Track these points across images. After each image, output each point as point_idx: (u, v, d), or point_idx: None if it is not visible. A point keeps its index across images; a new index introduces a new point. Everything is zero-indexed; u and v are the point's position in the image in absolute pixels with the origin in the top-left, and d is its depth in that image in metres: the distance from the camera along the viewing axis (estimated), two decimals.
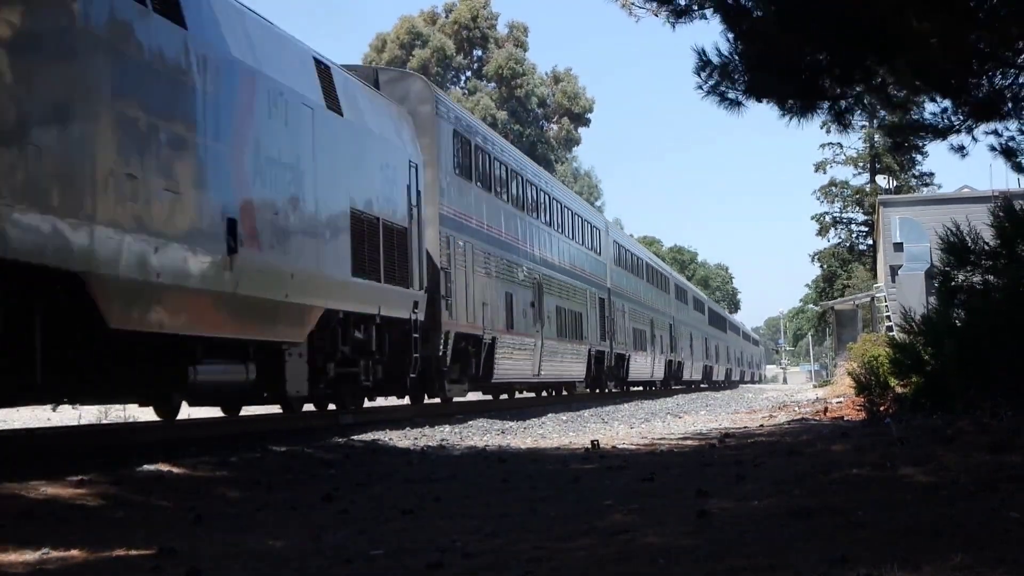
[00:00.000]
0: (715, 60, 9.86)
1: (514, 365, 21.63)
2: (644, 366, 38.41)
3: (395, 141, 14.94)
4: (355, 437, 12.21)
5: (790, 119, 10.22)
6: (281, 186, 11.05)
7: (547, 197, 26.11)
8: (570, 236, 28.54)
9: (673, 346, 45.19)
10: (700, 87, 10.12)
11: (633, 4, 10.64)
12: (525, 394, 28.36)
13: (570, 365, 27.07)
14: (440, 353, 16.98)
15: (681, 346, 47.61)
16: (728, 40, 9.71)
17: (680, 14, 9.85)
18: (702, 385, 55.77)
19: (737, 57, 9.71)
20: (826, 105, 10.43)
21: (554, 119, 67.40)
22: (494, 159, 21.48)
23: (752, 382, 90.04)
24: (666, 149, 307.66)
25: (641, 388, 41.60)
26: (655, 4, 10.26)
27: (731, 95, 10.03)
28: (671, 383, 45.60)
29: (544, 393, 29.61)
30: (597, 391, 32.26)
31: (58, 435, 11.04)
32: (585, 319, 28.68)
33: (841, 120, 10.99)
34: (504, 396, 26.47)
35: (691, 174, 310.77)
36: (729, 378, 71.34)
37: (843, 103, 10.54)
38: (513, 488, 7.24)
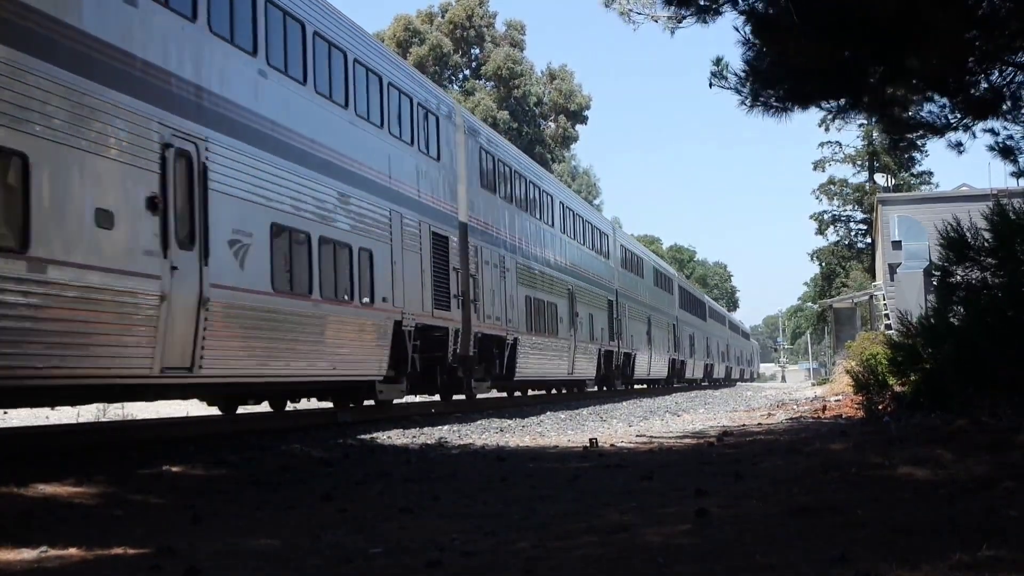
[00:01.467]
0: (748, 70, 9.90)
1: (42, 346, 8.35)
2: (552, 359, 25.13)
3: None
4: (354, 436, 12.22)
5: (833, 119, 10.27)
6: None
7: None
8: (325, 92, 13.59)
9: (615, 332, 32.96)
10: (743, 103, 10.19)
11: (631, 11, 10.62)
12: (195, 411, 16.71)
13: (336, 350, 13.52)
14: None
15: (631, 333, 35.63)
16: (754, 48, 9.75)
17: (683, 18, 9.86)
18: (676, 384, 47.41)
19: (772, 65, 9.76)
20: (865, 99, 10.49)
21: (551, 117, 67.36)
22: None
23: (743, 380, 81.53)
24: (665, 148, 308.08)
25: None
26: (656, 8, 10.27)
27: (775, 103, 10.06)
28: (613, 383, 33.80)
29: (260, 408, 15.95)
30: (453, 397, 19.47)
31: (57, 434, 11.04)
32: (381, 263, 14.81)
33: (885, 112, 11.06)
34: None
35: (690, 173, 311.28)
36: (710, 375, 60.00)
37: (886, 97, 10.59)
38: (512, 487, 7.24)
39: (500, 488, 7.21)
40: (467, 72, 66.58)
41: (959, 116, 11.27)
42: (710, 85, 10.26)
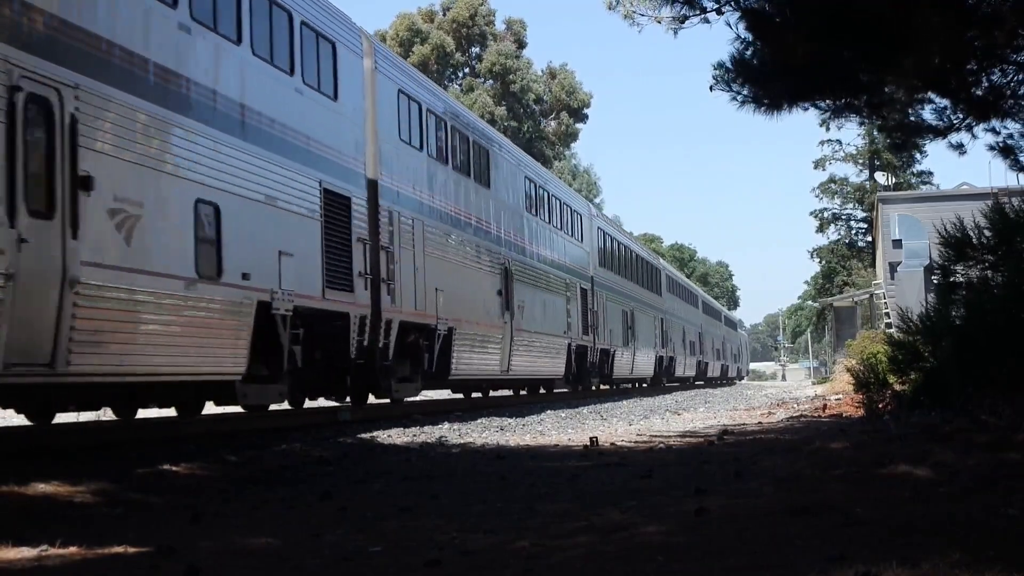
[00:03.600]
0: (750, 66, 9.87)
1: None
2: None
3: None
4: (353, 435, 12.22)
5: (830, 119, 10.23)
6: None
7: None
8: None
9: (382, 279, 14.83)
10: (735, 98, 10.14)
11: (635, 12, 10.62)
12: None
13: None
14: None
15: (450, 290, 17.73)
16: (754, 46, 9.73)
17: (685, 19, 9.87)
18: (590, 391, 29.31)
19: (767, 62, 9.73)
20: (864, 99, 10.47)
21: (551, 115, 67.28)
22: None
23: (726, 379, 65.25)
24: (665, 147, 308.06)
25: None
26: (660, 10, 10.25)
27: (767, 100, 10.02)
28: (379, 385, 15.23)
29: None
30: None
31: (57, 433, 11.03)
32: None
33: (878, 113, 11.03)
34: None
35: (691, 172, 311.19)
36: (670, 372, 43.29)
37: (883, 97, 10.59)
38: (511, 486, 7.24)
39: (500, 487, 7.21)
40: (467, 70, 66.54)
41: (961, 117, 11.27)
42: (711, 89, 10.27)
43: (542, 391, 26.37)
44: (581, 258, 28.45)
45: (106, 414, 16.22)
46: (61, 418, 12.55)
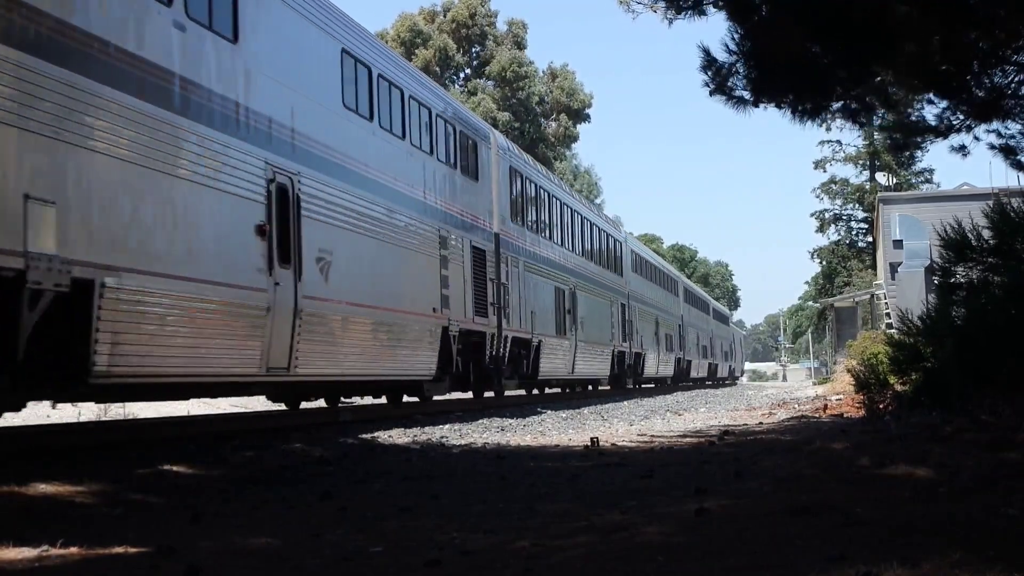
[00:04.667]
0: (721, 58, 9.81)
1: None
2: None
3: None
4: (354, 435, 12.22)
5: (801, 119, 10.15)
6: None
7: None
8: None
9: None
10: (706, 84, 10.07)
11: (631, 0, 10.58)
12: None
13: None
14: None
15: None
16: (734, 38, 9.66)
17: (681, 10, 9.81)
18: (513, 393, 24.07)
19: (743, 55, 9.66)
20: (838, 105, 10.41)
21: (552, 116, 67.20)
22: None
23: (715, 381, 58.22)
24: (665, 147, 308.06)
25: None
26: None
27: (737, 93, 9.96)
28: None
29: None
30: None
31: (57, 432, 11.04)
32: None
33: (855, 118, 10.97)
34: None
35: (691, 172, 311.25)
36: (637, 372, 35.55)
37: (853, 102, 10.53)
38: (512, 486, 7.24)
39: (500, 487, 7.21)
40: (468, 71, 66.51)
41: (961, 118, 11.25)
42: (710, 94, 10.23)
43: (412, 398, 17.87)
44: (473, 204, 19.09)
45: (107, 413, 16.25)
46: None
